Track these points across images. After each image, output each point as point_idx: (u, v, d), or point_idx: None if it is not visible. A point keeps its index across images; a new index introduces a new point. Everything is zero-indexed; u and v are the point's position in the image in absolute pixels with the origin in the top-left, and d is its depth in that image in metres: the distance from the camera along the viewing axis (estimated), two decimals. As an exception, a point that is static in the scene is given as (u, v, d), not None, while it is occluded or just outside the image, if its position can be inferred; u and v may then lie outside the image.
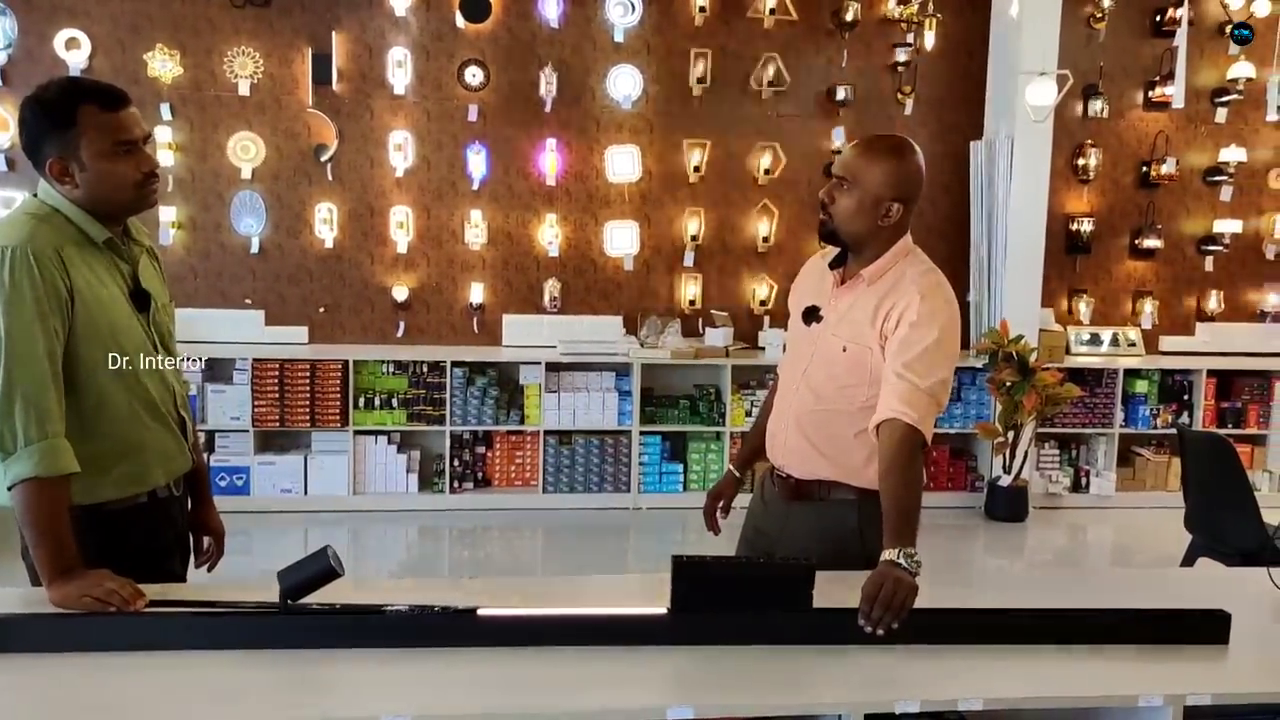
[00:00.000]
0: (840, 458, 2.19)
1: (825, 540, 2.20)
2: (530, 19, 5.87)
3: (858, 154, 2.13)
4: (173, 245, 5.76)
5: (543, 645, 1.71)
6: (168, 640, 1.66)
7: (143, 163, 1.96)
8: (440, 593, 1.85)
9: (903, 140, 2.17)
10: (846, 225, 2.13)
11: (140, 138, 1.96)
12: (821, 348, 2.21)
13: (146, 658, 1.64)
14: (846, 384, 2.17)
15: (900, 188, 2.10)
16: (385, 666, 1.64)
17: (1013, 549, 5.61)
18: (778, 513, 2.31)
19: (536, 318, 6.07)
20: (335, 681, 1.61)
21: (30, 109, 1.91)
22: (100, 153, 1.90)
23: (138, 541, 2.01)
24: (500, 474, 5.84)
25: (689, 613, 1.74)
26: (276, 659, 1.65)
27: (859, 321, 2.15)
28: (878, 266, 2.16)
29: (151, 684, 1.57)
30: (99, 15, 5.61)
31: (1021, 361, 5.49)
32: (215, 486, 5.39)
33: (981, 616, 1.80)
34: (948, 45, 6.13)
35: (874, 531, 2.21)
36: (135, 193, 1.96)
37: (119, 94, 1.95)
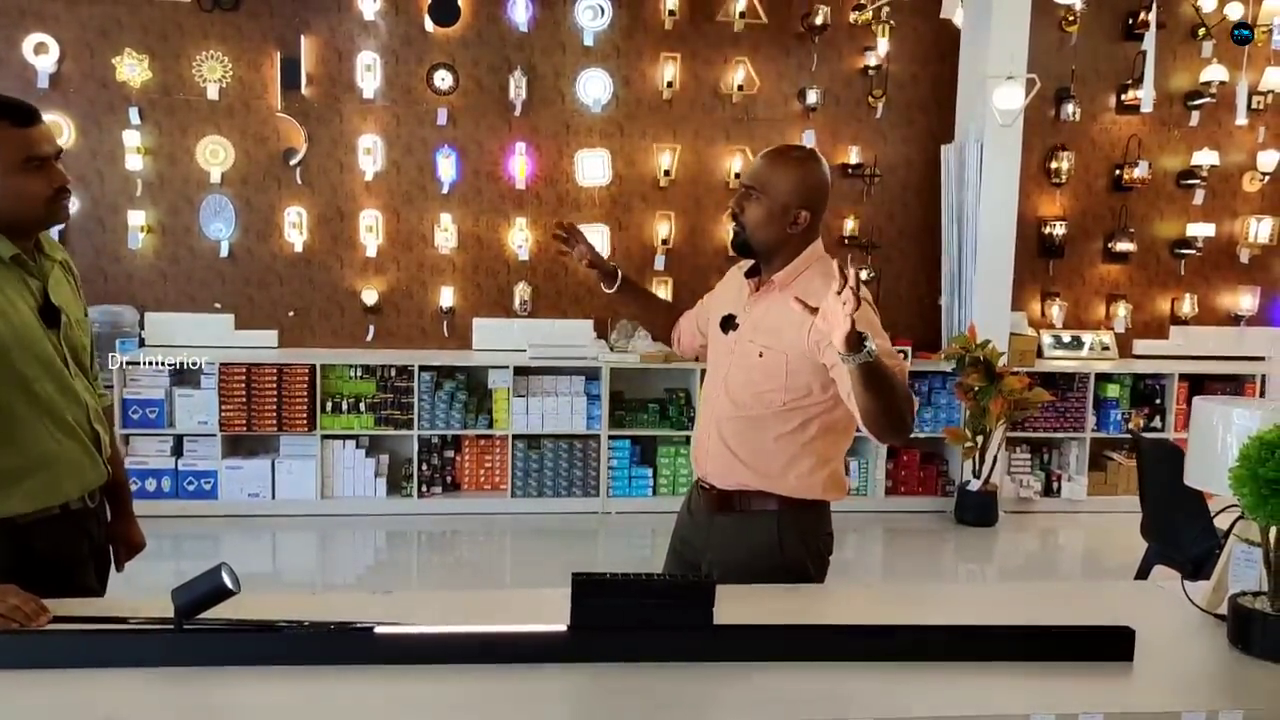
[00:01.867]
0: (760, 464, 2.20)
1: (747, 552, 2.21)
2: (499, 22, 5.87)
3: (765, 164, 2.18)
4: (141, 249, 5.76)
5: (441, 663, 1.70)
6: (60, 658, 1.65)
7: (54, 178, 1.96)
8: (348, 608, 1.85)
9: (808, 150, 2.23)
10: (756, 234, 2.18)
11: (51, 154, 1.96)
12: (738, 355, 2.24)
13: (38, 675, 1.62)
14: (763, 389, 2.19)
15: (807, 196, 2.15)
16: (279, 685, 1.63)
17: (980, 553, 5.61)
18: (702, 524, 2.33)
19: (507, 321, 6.07)
20: (227, 701, 1.60)
21: None
22: (9, 169, 1.90)
23: (49, 553, 2.01)
24: (469, 478, 5.84)
25: (589, 630, 1.73)
26: (170, 678, 1.64)
27: (773, 328, 2.17)
28: (788, 272, 2.19)
29: (40, 702, 1.56)
30: (67, 20, 5.61)
31: (988, 366, 5.49)
32: (183, 490, 5.45)
33: (878, 633, 1.79)
34: (918, 48, 6.14)
35: (793, 543, 2.24)
36: (46, 208, 1.96)
37: (29, 110, 1.94)
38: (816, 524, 2.28)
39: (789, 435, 2.18)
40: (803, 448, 2.19)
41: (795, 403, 2.17)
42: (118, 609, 1.83)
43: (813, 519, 2.27)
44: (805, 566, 2.25)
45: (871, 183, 6.21)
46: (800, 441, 2.19)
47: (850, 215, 6.23)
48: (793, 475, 2.20)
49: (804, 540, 2.25)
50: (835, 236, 6.23)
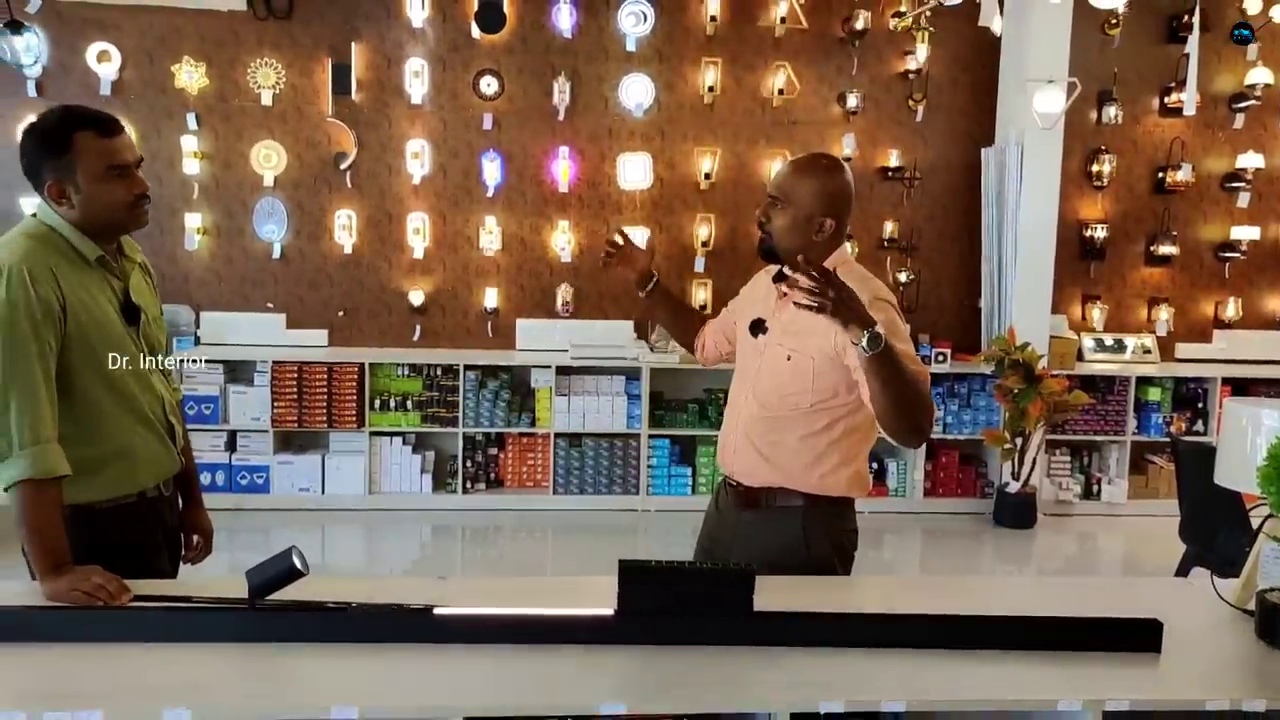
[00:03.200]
0: (785, 463, 2.28)
1: (773, 548, 2.28)
2: (544, 29, 5.99)
3: (790, 174, 2.26)
4: (197, 250, 5.95)
5: (494, 643, 1.81)
6: (145, 633, 1.78)
7: (134, 185, 2.09)
8: (407, 591, 1.95)
9: (833, 159, 2.31)
10: (783, 242, 2.24)
11: (132, 162, 2.09)
12: (767, 358, 2.31)
13: (126, 649, 1.75)
14: (791, 391, 2.26)
15: (830, 204, 2.23)
16: (344, 661, 1.74)
17: (1018, 555, 5.63)
18: (730, 522, 2.41)
19: (549, 322, 6.19)
20: (294, 674, 1.72)
21: (29, 137, 2.05)
22: (94, 176, 2.03)
23: (126, 539, 2.14)
24: (512, 475, 5.96)
25: (634, 615, 1.82)
26: (244, 652, 1.76)
27: (801, 332, 2.24)
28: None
29: (124, 673, 1.68)
30: (129, 28, 5.80)
31: (1028, 369, 5.50)
32: (236, 485, 5.62)
33: (911, 621, 1.86)
34: (959, 52, 6.16)
35: (819, 539, 2.31)
36: (127, 213, 2.09)
37: (113, 122, 2.07)
38: (841, 520, 2.36)
39: (814, 435, 2.26)
40: (828, 447, 2.27)
41: (821, 404, 2.25)
42: (191, 589, 1.96)
43: (837, 515, 2.34)
44: (831, 562, 2.33)
45: (911, 186, 6.25)
46: (826, 441, 2.27)
47: (890, 218, 6.27)
48: (817, 473, 2.27)
49: (829, 536, 2.33)
50: (875, 239, 6.28)
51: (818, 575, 2.26)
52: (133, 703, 1.59)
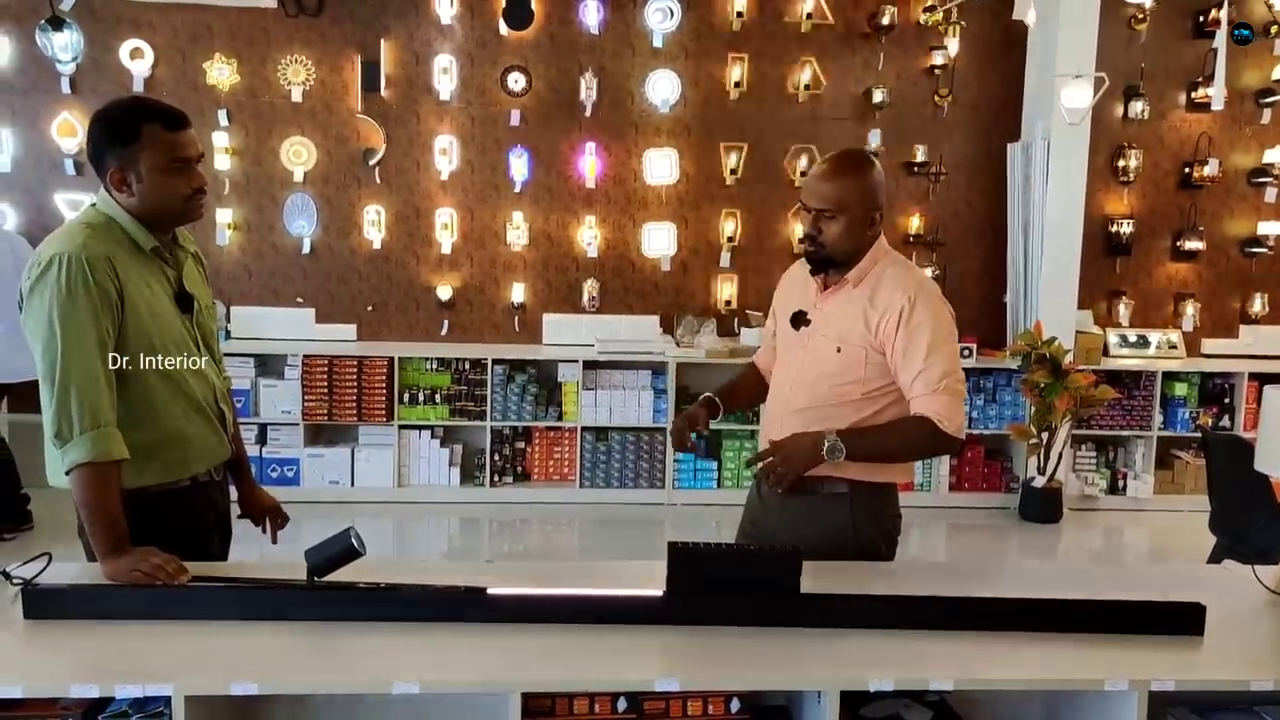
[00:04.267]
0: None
1: (819, 534, 2.31)
2: (571, 25, 6.02)
3: (831, 180, 2.24)
4: (228, 246, 6.02)
5: (547, 623, 1.85)
6: (205, 610, 1.83)
7: (193, 179, 2.13)
8: (458, 573, 2.00)
9: (862, 153, 2.35)
10: (841, 248, 2.26)
11: (194, 157, 2.13)
12: (812, 350, 2.34)
13: (187, 626, 1.80)
14: (841, 382, 2.29)
15: (878, 196, 2.27)
16: (402, 639, 1.79)
17: (1044, 550, 5.63)
18: (774, 508, 2.43)
19: (576, 317, 6.22)
20: (355, 651, 1.76)
21: (99, 123, 2.10)
22: (157, 167, 2.08)
23: (179, 523, 2.19)
24: (539, 468, 6.01)
25: (683, 595, 1.86)
26: (304, 630, 1.81)
27: (850, 324, 2.27)
28: (861, 269, 2.29)
29: (190, 649, 1.73)
30: (161, 26, 5.87)
31: (1055, 363, 5.50)
32: (266, 477, 5.68)
33: (959, 603, 1.89)
34: (985, 48, 6.16)
35: (866, 524, 2.34)
36: (184, 205, 2.14)
37: (181, 116, 2.12)
38: (886, 505, 2.40)
39: (863, 422, 2.29)
40: None
41: (874, 392, 2.28)
42: (246, 571, 2.01)
43: (882, 501, 2.38)
44: (878, 547, 2.37)
45: (937, 181, 6.26)
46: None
47: (915, 213, 6.28)
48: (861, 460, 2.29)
49: (876, 521, 2.37)
50: (900, 234, 6.28)
51: (862, 559, 2.30)
52: (202, 676, 1.64)
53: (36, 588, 1.81)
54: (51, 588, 1.82)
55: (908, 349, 2.21)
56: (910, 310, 2.21)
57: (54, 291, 1.98)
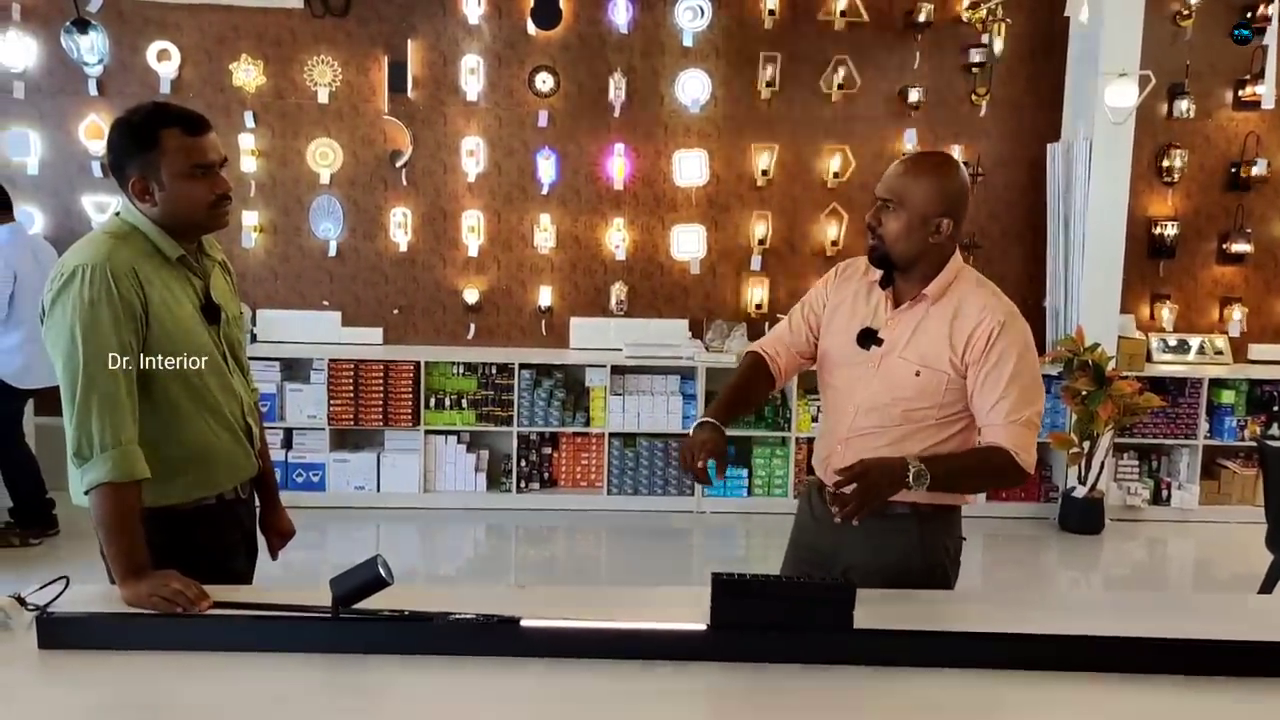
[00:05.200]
0: None
1: (885, 556, 2.20)
2: (600, 24, 5.92)
3: (902, 173, 2.13)
4: (254, 248, 5.96)
5: (584, 658, 1.74)
6: (226, 642, 1.74)
7: (217, 185, 2.05)
8: (489, 601, 1.90)
9: (946, 156, 2.21)
10: (897, 246, 2.13)
11: (216, 162, 2.05)
12: (886, 372, 2.18)
13: (206, 658, 1.72)
14: (916, 405, 2.16)
15: (948, 203, 2.11)
16: (430, 674, 1.69)
17: (1086, 562, 5.48)
18: (832, 529, 2.24)
19: (603, 320, 6.12)
20: (382, 688, 1.66)
21: (117, 131, 2.02)
22: (179, 174, 2.00)
23: (204, 542, 2.11)
24: (566, 475, 5.91)
25: (728, 630, 1.75)
26: (327, 664, 1.72)
27: (930, 345, 2.14)
28: (939, 284, 2.15)
29: (209, 684, 1.65)
30: (188, 27, 5.82)
31: (1097, 370, 5.35)
32: (292, 482, 5.62)
33: (1023, 641, 1.77)
34: (1024, 46, 6.00)
35: (934, 546, 2.23)
36: (208, 213, 2.05)
37: (200, 120, 2.04)
38: (952, 526, 2.29)
39: (936, 445, 2.17)
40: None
41: (946, 417, 2.16)
42: (271, 596, 1.91)
43: (948, 522, 2.27)
44: (945, 569, 2.26)
45: (974, 182, 6.10)
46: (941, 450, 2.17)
47: (952, 215, 6.13)
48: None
49: (942, 543, 2.26)
50: (936, 237, 6.13)
51: (929, 582, 2.19)
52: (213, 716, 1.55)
53: (51, 616, 1.73)
54: (67, 616, 1.74)
55: (991, 374, 2.08)
56: (1000, 333, 2.08)
57: (76, 304, 1.91)
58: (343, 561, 1.81)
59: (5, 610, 1.77)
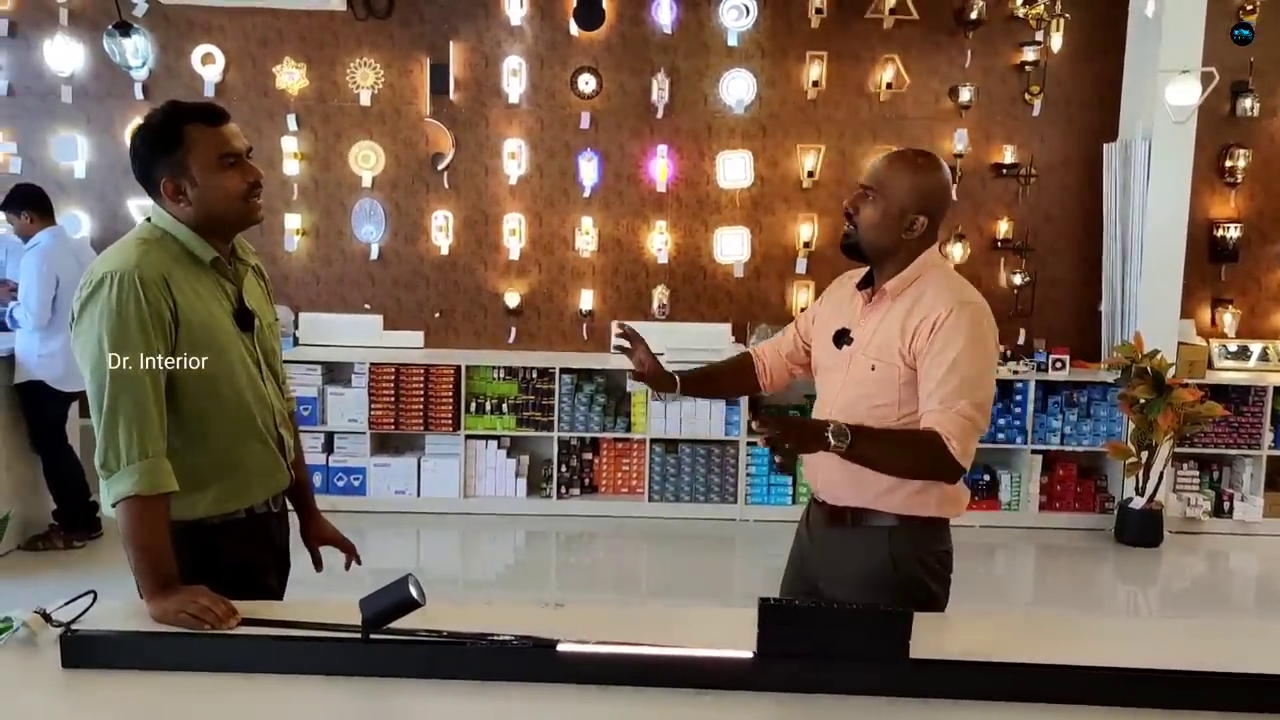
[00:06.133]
0: (870, 480, 2.11)
1: (860, 569, 2.17)
2: (643, 25, 5.84)
3: (884, 165, 2.13)
4: (296, 251, 5.96)
5: (623, 685, 1.66)
6: (253, 663, 1.68)
7: (247, 173, 2.00)
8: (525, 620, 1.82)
9: (929, 154, 2.17)
10: (869, 236, 2.12)
11: (243, 150, 2.00)
12: (853, 370, 2.17)
13: (232, 680, 1.65)
14: (877, 403, 2.12)
15: (925, 200, 2.09)
16: (462, 700, 1.62)
17: (1143, 576, 5.29)
18: (818, 539, 2.29)
19: (645, 324, 6.02)
20: (412, 714, 1.59)
21: (139, 137, 1.98)
22: (208, 167, 1.95)
23: (235, 557, 2.05)
24: (607, 481, 5.84)
25: (775, 658, 1.65)
26: (356, 688, 1.65)
27: (886, 339, 2.12)
28: (901, 279, 2.13)
29: (234, 707, 1.59)
30: (232, 31, 5.84)
31: (1157, 377, 5.16)
32: (333, 486, 5.60)
33: (1094, 675, 1.65)
34: (1080, 43, 5.82)
35: (907, 560, 2.17)
36: (242, 204, 2.00)
37: (219, 110, 2.00)
38: (932, 541, 2.20)
39: None
40: None
41: (909, 418, 2.09)
42: (300, 613, 1.85)
43: (928, 536, 2.18)
44: (924, 584, 2.17)
45: (1027, 183, 5.94)
46: None
47: (1004, 217, 5.97)
48: (903, 492, 2.12)
49: (919, 558, 2.17)
50: (988, 239, 5.99)
51: (907, 598, 2.10)
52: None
53: (75, 634, 1.68)
54: (91, 635, 1.69)
55: (934, 359, 2.03)
56: (945, 319, 2.03)
57: (104, 312, 1.86)
58: (382, 567, 1.75)
59: (30, 627, 1.72)
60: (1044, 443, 5.72)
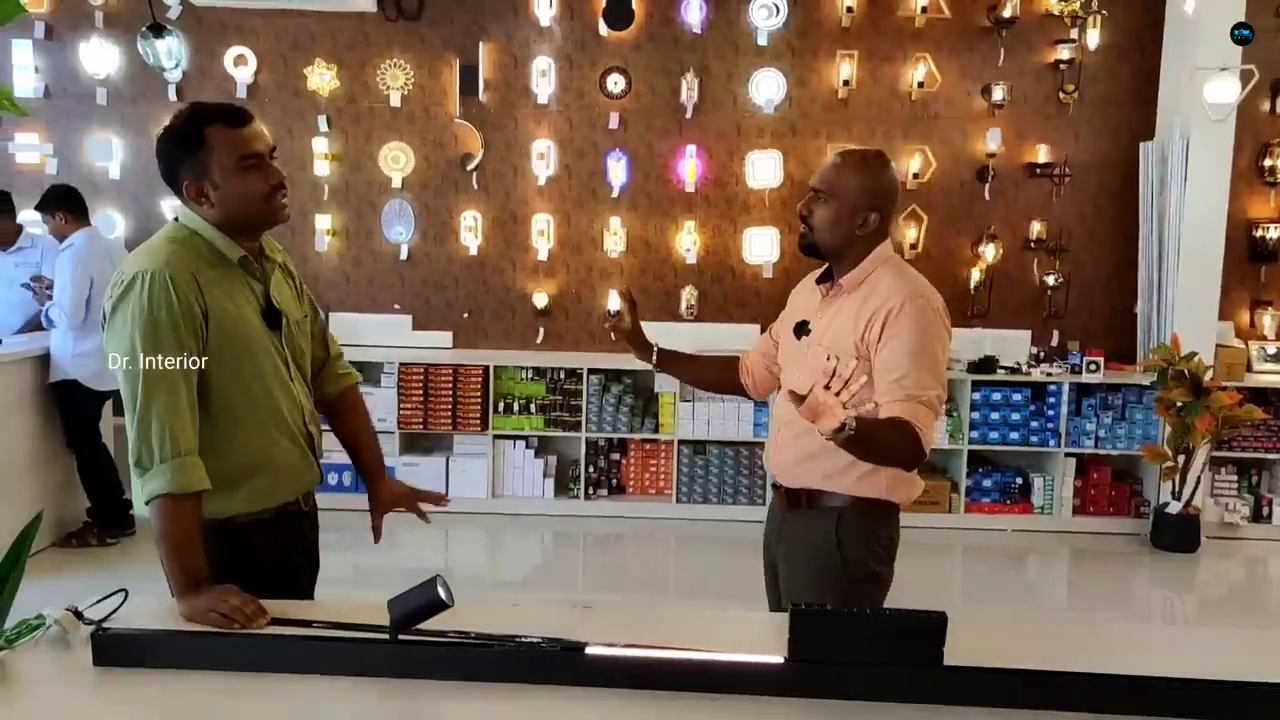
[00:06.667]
0: (823, 463, 2.20)
1: (808, 550, 2.26)
2: (672, 25, 5.82)
3: (833, 167, 2.21)
4: (327, 252, 5.99)
5: (652, 689, 1.64)
6: (281, 663, 1.68)
7: (270, 175, 2.00)
8: (552, 622, 1.81)
9: (877, 153, 2.25)
10: (824, 236, 2.20)
11: (265, 151, 2.00)
12: (810, 359, 2.24)
13: (260, 679, 1.65)
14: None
15: (876, 198, 2.18)
16: (488, 703, 1.61)
17: (1179, 582, 5.20)
18: (776, 521, 2.40)
19: (673, 325, 6.01)
20: (439, 715, 1.59)
21: (163, 140, 1.99)
22: (230, 169, 1.96)
23: (265, 555, 2.05)
24: (634, 482, 5.82)
25: (807, 663, 1.63)
26: (384, 688, 1.64)
27: (842, 330, 2.19)
28: (856, 274, 2.21)
29: (263, 705, 1.59)
30: (264, 33, 5.88)
31: (1195, 380, 5.07)
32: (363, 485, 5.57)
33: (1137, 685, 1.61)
34: (1116, 40, 5.74)
35: (851, 541, 2.23)
36: (266, 205, 2.00)
37: (241, 112, 2.00)
38: (878, 525, 2.26)
39: None
40: None
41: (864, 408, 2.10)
42: (329, 612, 1.85)
43: (875, 520, 2.25)
44: (866, 565, 2.23)
45: (1061, 183, 5.86)
46: None
47: (1037, 218, 5.90)
48: (855, 474, 2.18)
49: (863, 540, 2.24)
50: (1021, 239, 5.92)
51: (854, 580, 2.20)
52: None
53: (107, 633, 1.68)
54: (122, 634, 1.69)
55: (888, 350, 2.10)
56: (898, 313, 2.10)
57: (135, 311, 1.87)
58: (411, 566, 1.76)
59: (62, 624, 1.73)
60: (1078, 446, 5.64)
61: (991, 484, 5.70)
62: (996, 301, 5.96)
